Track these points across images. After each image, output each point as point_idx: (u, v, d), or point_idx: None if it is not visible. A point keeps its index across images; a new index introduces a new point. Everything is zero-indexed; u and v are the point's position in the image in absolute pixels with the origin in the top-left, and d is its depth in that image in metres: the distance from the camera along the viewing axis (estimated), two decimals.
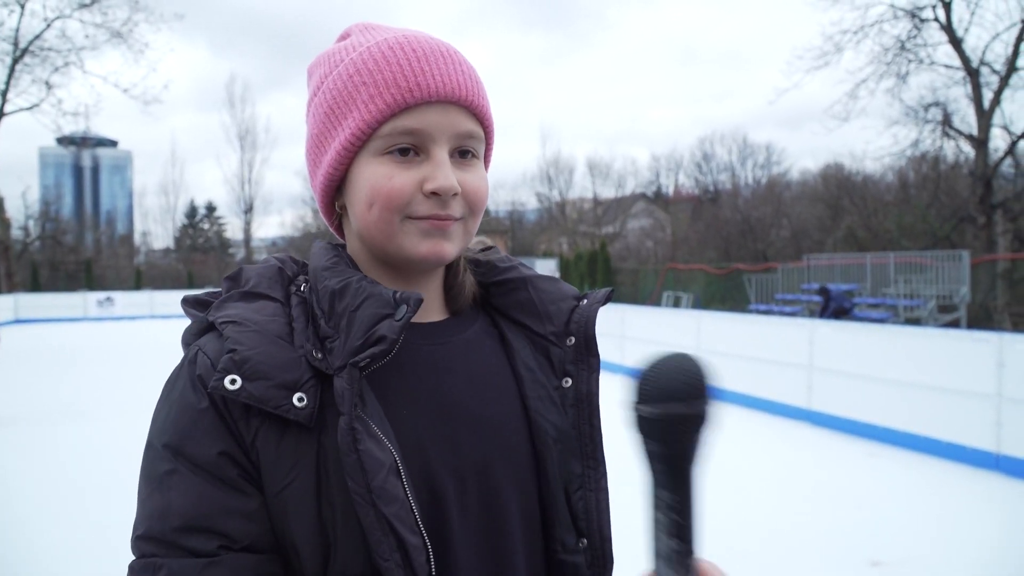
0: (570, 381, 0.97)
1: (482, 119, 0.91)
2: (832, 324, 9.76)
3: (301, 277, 0.94)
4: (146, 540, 0.78)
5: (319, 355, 0.82)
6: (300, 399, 0.79)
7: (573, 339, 0.98)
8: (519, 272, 1.02)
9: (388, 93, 0.84)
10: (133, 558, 0.79)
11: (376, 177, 0.86)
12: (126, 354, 15.52)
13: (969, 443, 6.76)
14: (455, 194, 0.87)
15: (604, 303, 1.00)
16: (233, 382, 0.78)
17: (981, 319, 16.23)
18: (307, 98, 0.95)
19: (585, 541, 0.94)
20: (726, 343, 10.37)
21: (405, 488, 0.79)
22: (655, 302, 24.02)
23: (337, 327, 0.83)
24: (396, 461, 0.80)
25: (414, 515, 0.79)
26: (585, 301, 1.01)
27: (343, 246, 0.97)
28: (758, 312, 17.58)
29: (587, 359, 0.98)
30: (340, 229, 0.99)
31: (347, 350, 0.81)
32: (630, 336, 12.75)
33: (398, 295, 0.84)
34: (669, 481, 0.71)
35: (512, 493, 0.90)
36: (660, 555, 0.71)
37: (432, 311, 0.97)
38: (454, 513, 0.85)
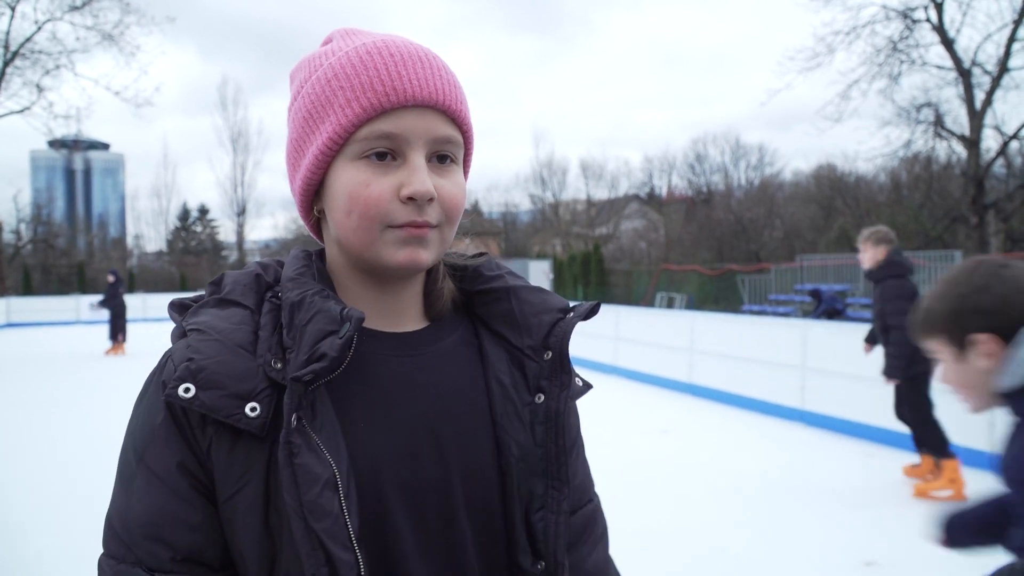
0: (542, 397, 0.95)
1: (460, 124, 0.90)
2: (825, 325, 9.78)
3: (280, 284, 0.94)
4: (111, 534, 0.84)
5: (278, 365, 0.83)
6: (253, 409, 0.80)
7: (550, 353, 0.96)
8: (504, 282, 1.01)
9: (364, 97, 0.84)
10: (102, 550, 0.85)
11: (353, 184, 0.85)
12: (119, 357, 15.47)
13: (963, 443, 6.77)
14: (431, 200, 0.86)
15: (587, 317, 0.98)
16: (187, 390, 0.80)
17: None
18: (288, 102, 0.96)
19: (543, 563, 0.93)
20: (719, 344, 10.38)
21: (341, 503, 0.80)
22: (649, 303, 24.06)
23: (294, 339, 0.84)
24: (335, 475, 0.80)
25: (347, 531, 0.79)
26: (571, 315, 0.99)
27: (321, 251, 0.98)
28: (751, 313, 17.62)
29: (559, 375, 0.96)
30: (319, 231, 0.98)
31: (295, 364, 0.81)
32: (624, 337, 12.76)
33: (344, 312, 0.84)
34: None
35: (472, 511, 0.90)
36: None
37: (409, 320, 0.96)
38: (406, 529, 0.85)
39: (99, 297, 28.40)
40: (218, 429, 0.81)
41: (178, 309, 0.93)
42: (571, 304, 1.01)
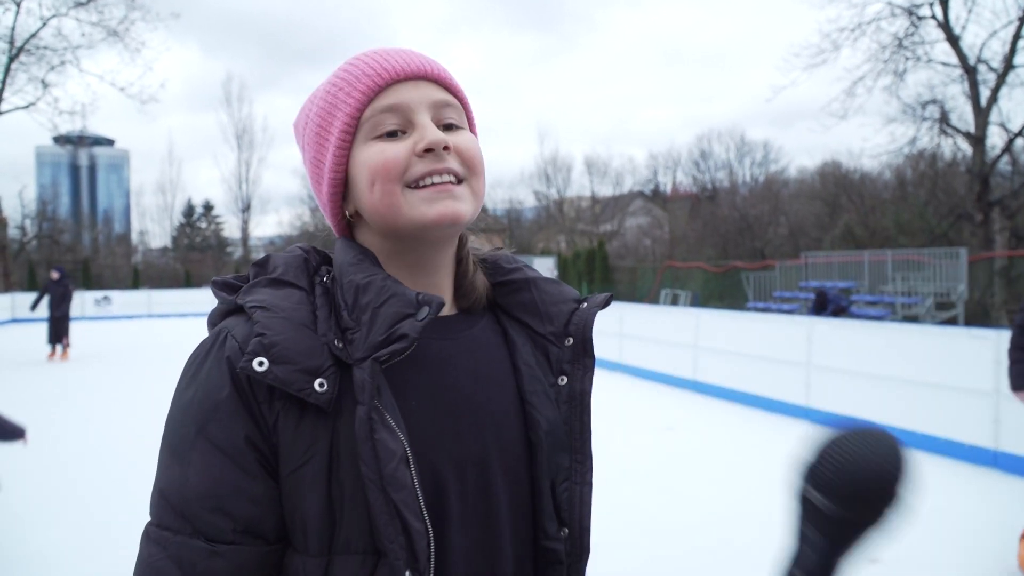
0: (565, 379, 1.02)
1: (454, 92, 0.97)
2: (830, 322, 9.77)
3: (324, 268, 0.98)
4: (164, 507, 0.85)
5: (340, 344, 0.87)
6: (321, 384, 0.84)
7: (571, 339, 1.03)
8: (524, 273, 1.08)
9: (361, 83, 0.92)
10: (150, 520, 0.86)
11: (371, 157, 0.91)
12: (124, 353, 15.50)
13: (967, 440, 6.77)
14: (447, 148, 0.91)
15: (603, 307, 1.05)
16: (261, 364, 0.83)
17: (979, 316, 16.25)
18: (301, 145, 1.03)
19: (567, 530, 0.99)
20: (724, 341, 10.38)
21: (413, 477, 0.85)
22: (653, 300, 24.04)
23: (359, 320, 0.88)
24: (406, 451, 0.85)
25: (419, 502, 0.85)
26: (585, 304, 1.06)
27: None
28: (756, 310, 17.60)
29: (583, 359, 1.03)
30: (352, 238, 1.03)
31: (369, 344, 0.85)
32: (628, 334, 12.76)
33: (420, 297, 0.89)
34: (816, 570, 0.68)
35: (505, 483, 0.95)
36: None
37: (444, 306, 1.01)
38: (453, 501, 0.90)
39: (104, 293, 28.66)
40: (285, 404, 0.85)
41: (224, 287, 0.96)
42: (585, 296, 1.09)
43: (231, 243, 52.28)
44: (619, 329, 12.94)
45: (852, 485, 0.63)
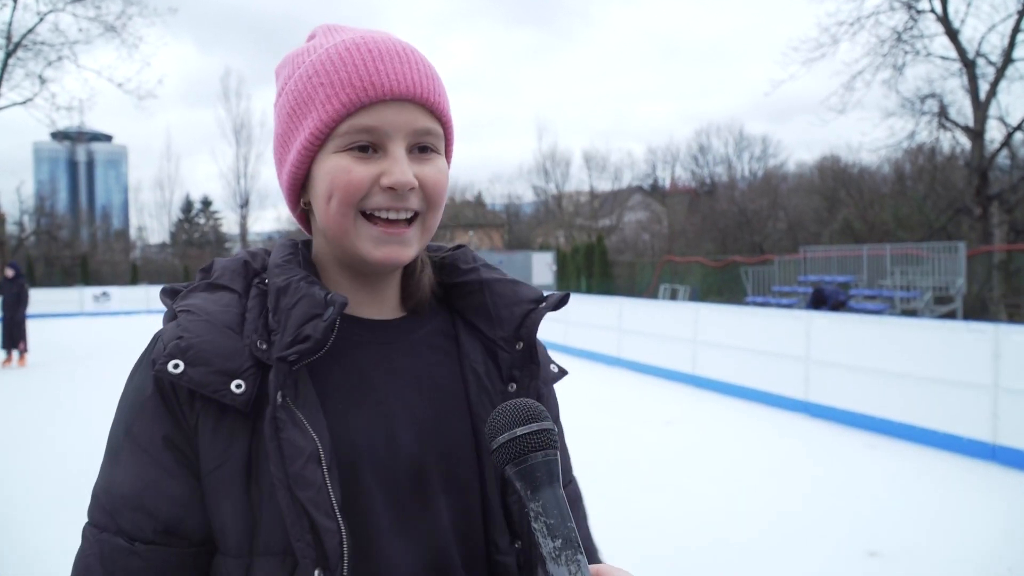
0: (515, 386, 0.99)
1: (439, 116, 0.93)
2: (829, 316, 9.77)
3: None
4: (95, 504, 0.88)
5: (263, 346, 0.87)
6: (238, 386, 0.84)
7: (521, 344, 1.00)
8: (478, 275, 1.04)
9: (344, 93, 0.88)
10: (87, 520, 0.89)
11: (335, 171, 0.89)
12: (123, 349, 15.49)
13: (966, 433, 6.78)
14: (412, 189, 0.89)
15: (556, 308, 1.01)
16: (176, 366, 0.83)
17: (977, 310, 16.27)
18: (274, 97, 0.99)
19: (520, 543, 0.96)
20: (723, 335, 10.38)
21: (325, 475, 0.83)
22: (652, 295, 24.06)
23: (279, 322, 0.87)
24: (318, 449, 0.83)
25: (331, 500, 0.83)
26: (543, 305, 1.01)
27: (308, 242, 1.02)
28: (755, 304, 17.61)
29: (529, 365, 1.00)
30: (307, 224, 1.02)
31: (280, 345, 0.85)
32: (627, 329, 12.76)
33: (328, 297, 0.88)
34: (534, 493, 0.77)
35: (446, 492, 0.93)
36: (547, 558, 0.76)
37: (389, 309, 1.01)
38: (382, 505, 0.89)
39: (103, 289, 28.64)
40: (205, 405, 0.85)
41: (169, 294, 0.97)
42: (545, 295, 1.04)
43: (229, 239, 52.20)
44: (618, 324, 12.95)
45: (505, 418, 0.80)
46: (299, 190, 0.96)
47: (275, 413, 0.82)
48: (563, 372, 1.10)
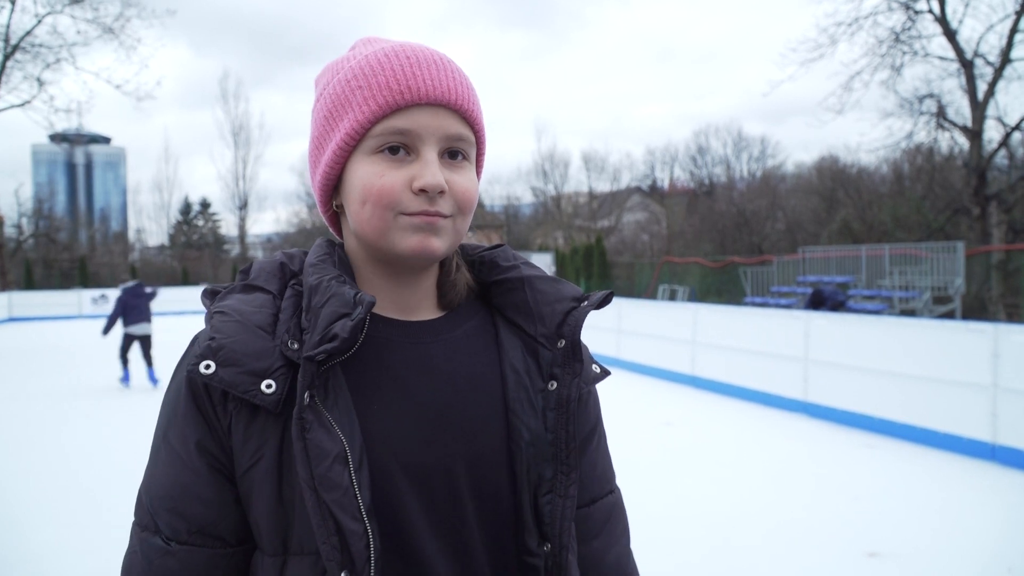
0: (555, 384, 0.98)
1: (472, 123, 0.94)
2: (828, 316, 9.76)
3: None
4: (139, 504, 0.92)
5: (295, 345, 0.88)
6: (268, 386, 0.85)
7: (563, 342, 0.99)
8: (519, 272, 1.04)
9: (380, 95, 0.89)
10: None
11: (368, 176, 0.90)
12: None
13: (965, 433, 6.78)
14: (442, 192, 0.90)
15: (599, 306, 1.01)
16: (208, 367, 0.85)
17: (976, 310, 16.28)
18: (313, 106, 1.01)
19: (548, 546, 0.95)
20: (722, 336, 10.38)
21: (352, 477, 0.83)
22: (651, 295, 24.04)
23: (310, 321, 0.88)
24: (345, 451, 0.84)
25: (357, 502, 0.83)
26: (585, 303, 1.01)
27: (341, 244, 1.02)
28: (754, 305, 17.60)
29: (572, 363, 0.99)
30: (337, 226, 1.04)
31: (309, 344, 0.86)
32: (626, 330, 12.76)
33: (357, 296, 0.88)
34: None
35: (474, 494, 0.93)
36: None
37: (425, 309, 1.00)
38: (415, 508, 0.89)
39: (101, 292, 28.58)
40: (238, 405, 0.87)
41: (209, 296, 0.98)
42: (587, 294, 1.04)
43: (228, 241, 52.17)
44: (617, 325, 12.95)
45: None
46: (331, 192, 0.98)
47: (301, 413, 0.83)
48: (606, 372, 1.10)
